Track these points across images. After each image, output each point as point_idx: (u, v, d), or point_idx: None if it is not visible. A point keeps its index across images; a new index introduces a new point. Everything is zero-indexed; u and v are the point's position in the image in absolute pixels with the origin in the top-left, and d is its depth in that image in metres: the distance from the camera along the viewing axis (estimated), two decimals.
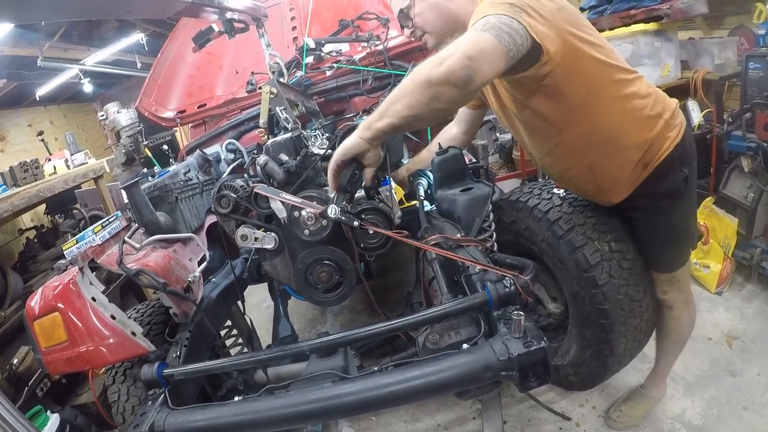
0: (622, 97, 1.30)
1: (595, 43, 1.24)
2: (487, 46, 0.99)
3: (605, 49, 1.27)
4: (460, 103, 1.19)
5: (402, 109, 1.08)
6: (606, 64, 1.26)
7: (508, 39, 1.02)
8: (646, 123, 1.33)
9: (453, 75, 0.99)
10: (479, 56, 0.98)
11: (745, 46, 2.91)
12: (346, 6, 2.84)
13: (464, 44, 1.00)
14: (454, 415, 2.08)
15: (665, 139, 1.34)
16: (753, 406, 1.81)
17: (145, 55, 6.84)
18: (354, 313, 3.13)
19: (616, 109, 1.30)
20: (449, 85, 1.00)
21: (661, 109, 1.35)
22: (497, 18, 1.04)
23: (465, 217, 1.69)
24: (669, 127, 1.35)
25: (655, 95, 1.36)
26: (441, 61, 1.00)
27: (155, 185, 1.79)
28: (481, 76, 1.01)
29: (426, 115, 1.08)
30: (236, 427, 1.16)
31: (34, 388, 2.44)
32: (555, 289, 1.80)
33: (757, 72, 2.32)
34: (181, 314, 1.49)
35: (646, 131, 1.33)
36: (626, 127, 1.32)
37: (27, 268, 3.44)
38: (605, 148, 1.35)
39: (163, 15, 1.73)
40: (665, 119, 1.34)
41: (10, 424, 1.36)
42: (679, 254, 1.54)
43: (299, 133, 1.73)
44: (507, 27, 1.03)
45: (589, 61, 1.22)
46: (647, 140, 1.33)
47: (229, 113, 2.70)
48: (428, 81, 1.01)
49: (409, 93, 1.06)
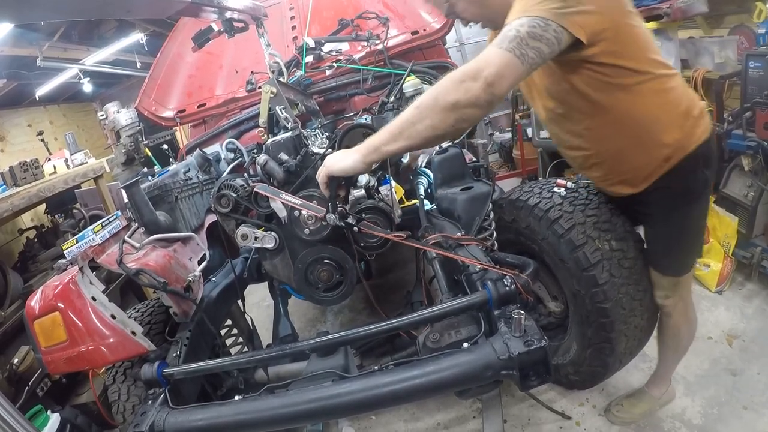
0: (662, 90, 1.28)
1: (642, 34, 1.23)
2: (507, 72, 1.03)
3: (650, 42, 1.27)
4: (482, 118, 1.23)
5: (424, 129, 1.10)
6: (649, 56, 1.25)
7: (534, 54, 1.04)
8: (680, 120, 1.31)
9: (479, 100, 1.04)
10: (499, 81, 1.03)
11: (745, 45, 2.91)
12: (346, 5, 2.84)
13: (487, 70, 1.03)
14: (454, 414, 2.08)
15: (692, 136, 1.32)
16: (753, 406, 1.81)
17: (145, 55, 6.83)
18: (354, 312, 3.13)
19: (655, 102, 1.28)
20: (474, 107, 1.06)
21: (692, 107, 1.33)
22: (530, 25, 1.04)
23: (465, 216, 1.69)
24: (697, 126, 1.32)
25: (687, 94, 1.35)
26: (465, 86, 1.04)
27: (155, 185, 1.79)
28: (500, 97, 1.07)
29: (450, 134, 1.13)
30: (236, 426, 1.16)
31: (35, 388, 2.44)
32: (555, 288, 1.80)
33: (757, 71, 2.32)
34: (181, 314, 1.49)
35: (678, 128, 1.31)
36: (661, 121, 1.30)
37: (27, 267, 3.44)
38: (637, 138, 1.33)
39: (163, 14, 1.73)
40: (694, 117, 1.32)
41: (10, 425, 1.36)
42: (686, 259, 1.51)
43: (299, 132, 1.73)
44: (535, 38, 1.03)
45: (635, 49, 1.21)
46: (678, 137, 1.31)
47: (228, 113, 2.69)
48: (455, 104, 1.05)
49: (432, 115, 1.08)
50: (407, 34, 2.57)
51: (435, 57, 2.66)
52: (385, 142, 1.14)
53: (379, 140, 1.15)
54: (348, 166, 1.19)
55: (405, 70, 2.31)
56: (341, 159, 1.21)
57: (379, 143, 1.15)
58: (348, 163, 1.19)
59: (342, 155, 1.21)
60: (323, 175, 1.24)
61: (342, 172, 1.21)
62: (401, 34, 2.60)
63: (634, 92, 1.26)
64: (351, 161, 1.19)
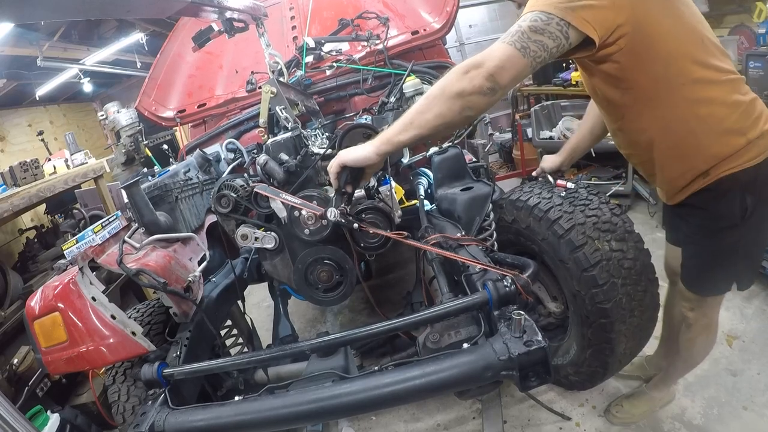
0: (698, 100, 1.16)
1: (678, 31, 1.13)
2: (508, 64, 1.06)
3: (691, 41, 1.15)
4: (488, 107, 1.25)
5: (433, 118, 1.13)
6: (686, 59, 1.13)
7: (536, 48, 1.05)
8: (724, 137, 1.18)
9: (481, 88, 1.08)
10: (500, 72, 1.06)
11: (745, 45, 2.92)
12: (346, 5, 2.84)
13: (489, 62, 1.06)
14: (454, 414, 2.08)
15: (741, 156, 1.18)
16: (753, 406, 1.81)
17: (145, 55, 6.83)
18: (354, 312, 3.13)
19: (690, 113, 1.17)
20: (479, 95, 1.09)
21: (748, 125, 1.19)
22: (532, 19, 1.05)
23: (465, 217, 1.69)
24: (749, 148, 1.18)
25: (745, 107, 1.19)
26: (469, 75, 1.08)
27: (155, 185, 1.79)
28: (503, 87, 1.09)
29: (457, 122, 1.15)
30: (236, 427, 1.16)
31: (34, 388, 2.44)
32: (555, 289, 1.80)
33: (757, 71, 2.32)
34: (181, 314, 1.49)
35: (720, 145, 1.19)
36: (698, 135, 1.19)
37: (27, 268, 3.44)
38: (670, 150, 1.24)
39: (163, 14, 1.73)
40: (749, 138, 1.18)
41: (10, 424, 1.35)
42: (713, 283, 1.41)
43: (299, 132, 1.73)
44: (536, 32, 1.04)
45: (663, 52, 1.12)
46: (719, 155, 1.19)
47: (228, 113, 2.69)
48: (460, 92, 1.09)
49: (439, 103, 1.12)
50: (407, 34, 2.57)
51: (435, 57, 2.66)
52: (397, 132, 1.17)
53: (391, 132, 1.18)
54: (361, 156, 1.21)
55: (405, 70, 2.31)
56: (355, 150, 1.23)
57: (392, 134, 1.18)
58: (361, 153, 1.21)
59: (355, 148, 1.24)
60: (335, 164, 1.25)
61: (354, 161, 1.22)
62: (401, 34, 2.59)
63: (659, 103, 1.18)
64: (364, 152, 1.21)
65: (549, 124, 3.97)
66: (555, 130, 3.85)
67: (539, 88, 4.65)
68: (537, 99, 4.94)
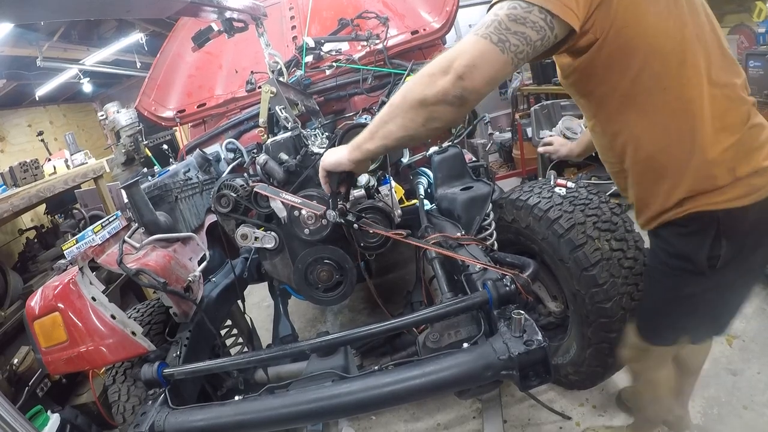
0: (680, 111, 0.97)
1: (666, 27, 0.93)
2: (482, 62, 0.87)
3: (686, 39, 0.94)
4: (459, 120, 1.15)
5: (396, 129, 1.00)
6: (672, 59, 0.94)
7: (517, 41, 0.86)
8: (706, 165, 0.97)
9: (447, 96, 0.90)
10: (471, 73, 0.87)
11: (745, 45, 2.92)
12: (346, 5, 2.84)
13: (458, 61, 0.88)
14: (454, 414, 2.08)
15: (721, 193, 0.98)
16: (753, 405, 1.81)
17: (145, 55, 6.83)
18: (354, 312, 3.13)
19: (668, 125, 0.98)
20: (445, 104, 0.92)
21: (740, 156, 0.98)
22: (510, 6, 0.87)
23: (465, 216, 1.69)
24: (736, 185, 0.97)
25: (742, 135, 0.98)
26: (434, 80, 0.91)
27: (155, 185, 1.79)
28: (475, 92, 0.90)
29: (422, 135, 1.01)
30: (236, 426, 1.16)
31: (35, 388, 2.44)
32: (555, 288, 1.80)
33: (756, 70, 2.33)
34: (181, 314, 1.49)
35: (699, 174, 0.98)
36: (674, 154, 1.00)
37: (27, 268, 3.44)
38: (643, 164, 1.06)
39: (163, 14, 1.73)
40: (737, 174, 0.97)
41: (10, 425, 1.35)
42: (661, 330, 1.22)
43: (299, 132, 1.73)
44: (517, 22, 0.86)
45: (643, 46, 0.93)
46: (695, 186, 0.99)
47: (228, 112, 2.69)
48: (422, 101, 0.93)
49: (402, 113, 0.97)
50: (407, 33, 2.57)
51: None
52: (365, 140, 1.07)
53: (360, 138, 1.08)
54: (334, 161, 1.17)
55: (405, 70, 2.31)
56: (332, 154, 1.19)
57: (361, 141, 1.08)
58: (334, 159, 1.16)
59: (333, 151, 1.20)
60: (320, 169, 1.23)
61: (330, 166, 1.19)
62: (401, 33, 2.59)
63: (637, 103, 0.99)
64: (337, 157, 1.16)
65: (549, 123, 3.97)
66: (555, 129, 3.84)
67: (539, 87, 4.65)
68: (537, 98, 4.93)
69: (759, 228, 1.01)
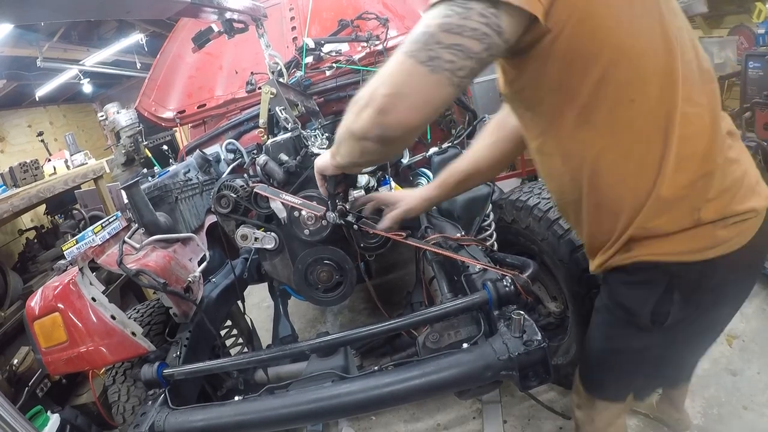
0: (638, 132, 0.78)
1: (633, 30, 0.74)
2: (407, 88, 0.71)
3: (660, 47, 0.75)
4: (393, 156, 1.03)
5: (345, 154, 0.90)
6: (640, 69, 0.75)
7: (452, 56, 0.69)
8: (659, 203, 0.80)
9: (368, 134, 0.77)
10: (393, 105, 0.72)
11: (744, 46, 2.92)
12: (346, 6, 2.84)
13: (380, 89, 0.73)
14: (454, 414, 2.08)
15: (677, 242, 0.81)
16: (753, 406, 1.81)
17: (145, 56, 6.84)
18: (354, 312, 3.13)
19: (623, 149, 0.80)
20: (369, 142, 0.79)
21: (708, 197, 0.79)
22: (444, 14, 0.69)
23: (465, 217, 1.69)
24: (698, 233, 0.80)
25: (712, 170, 0.79)
26: (358, 112, 0.78)
27: (155, 185, 1.80)
28: (405, 129, 0.74)
29: (364, 164, 0.93)
30: (236, 427, 1.16)
31: (35, 389, 2.44)
32: (555, 289, 1.80)
33: (756, 71, 2.33)
34: (181, 314, 1.49)
35: (652, 214, 0.81)
36: (628, 185, 0.82)
37: (27, 268, 3.44)
38: (595, 194, 0.86)
39: (163, 15, 1.73)
40: (700, 218, 0.79)
41: (10, 425, 1.35)
42: (604, 384, 1.09)
43: (299, 133, 1.73)
44: (451, 32, 0.69)
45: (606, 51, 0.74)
46: (647, 228, 0.82)
47: (228, 113, 2.70)
48: (351, 133, 0.82)
49: (343, 141, 0.87)
50: (407, 34, 2.57)
51: None
52: (335, 150, 0.96)
53: (333, 148, 0.97)
54: (321, 164, 1.13)
55: None
56: (321, 157, 1.16)
57: (334, 151, 0.97)
58: (322, 162, 1.13)
59: (324, 153, 1.16)
60: (315, 172, 1.21)
61: (318, 169, 1.16)
62: (401, 34, 2.60)
63: (593, 119, 0.79)
64: (324, 160, 1.12)
65: None
66: None
67: None
68: None
69: (724, 285, 0.85)
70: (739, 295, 0.94)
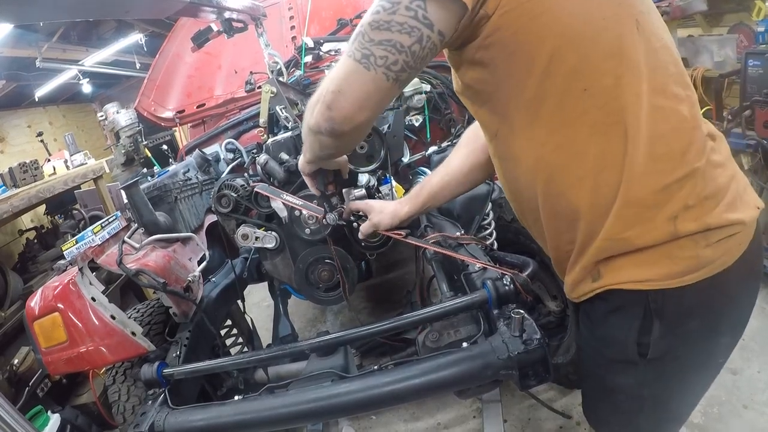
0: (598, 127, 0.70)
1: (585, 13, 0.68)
2: (347, 86, 0.73)
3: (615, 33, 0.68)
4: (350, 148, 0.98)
5: (308, 149, 0.95)
6: (593, 56, 0.68)
7: (384, 53, 0.69)
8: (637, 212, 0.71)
9: (320, 128, 0.80)
10: (337, 101, 0.74)
11: (744, 44, 2.91)
12: (345, 5, 2.84)
13: (327, 86, 0.76)
14: (454, 413, 2.08)
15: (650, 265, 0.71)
16: (753, 404, 1.81)
17: (144, 56, 6.83)
18: (354, 312, 3.13)
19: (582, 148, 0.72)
20: (323, 136, 0.82)
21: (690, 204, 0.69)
22: (374, 11, 0.69)
23: (464, 215, 1.69)
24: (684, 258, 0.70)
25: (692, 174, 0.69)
26: (312, 107, 0.81)
27: (154, 185, 1.80)
28: (351, 123, 0.76)
29: (325, 159, 0.96)
30: (236, 426, 1.16)
31: (35, 389, 2.45)
32: (555, 287, 1.80)
33: (756, 69, 2.32)
34: (181, 314, 1.49)
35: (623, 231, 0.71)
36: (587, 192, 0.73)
37: (27, 268, 3.45)
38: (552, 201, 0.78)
39: (162, 15, 1.73)
40: (677, 230, 0.69)
41: (10, 425, 1.35)
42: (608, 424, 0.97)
43: (299, 132, 1.73)
44: (380, 28, 0.68)
45: (550, 38, 0.68)
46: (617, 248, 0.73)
47: (228, 113, 2.69)
48: (309, 128, 0.84)
49: (305, 136, 0.90)
50: None
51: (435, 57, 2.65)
52: (303, 150, 1.00)
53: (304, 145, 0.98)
54: (299, 164, 1.09)
55: None
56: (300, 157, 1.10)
57: (305, 149, 0.99)
58: (300, 162, 1.08)
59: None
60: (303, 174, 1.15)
61: (300, 169, 1.11)
62: None
63: (544, 116, 0.73)
64: (300, 160, 1.07)
65: None
66: None
67: None
68: None
69: (712, 310, 0.75)
70: (738, 319, 0.82)
